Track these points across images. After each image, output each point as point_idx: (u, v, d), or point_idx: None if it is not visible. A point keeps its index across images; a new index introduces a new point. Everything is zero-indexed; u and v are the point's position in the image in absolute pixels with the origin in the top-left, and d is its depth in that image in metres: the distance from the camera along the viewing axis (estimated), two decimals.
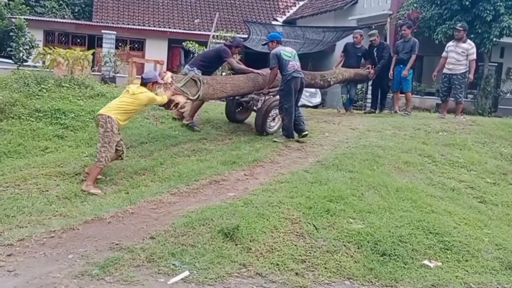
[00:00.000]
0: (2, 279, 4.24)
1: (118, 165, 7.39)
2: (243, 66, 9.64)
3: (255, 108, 9.35)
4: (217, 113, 10.78)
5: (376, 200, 6.16)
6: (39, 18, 24.72)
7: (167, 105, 7.62)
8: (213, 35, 18.35)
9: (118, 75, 17.32)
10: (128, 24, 25.14)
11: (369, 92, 17.72)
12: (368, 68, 12.11)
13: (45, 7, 27.57)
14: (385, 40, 18.74)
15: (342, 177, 6.75)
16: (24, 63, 18.24)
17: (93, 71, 15.14)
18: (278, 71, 8.64)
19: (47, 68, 12.42)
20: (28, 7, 25.59)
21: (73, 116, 9.44)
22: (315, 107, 17.91)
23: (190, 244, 4.85)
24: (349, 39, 18.18)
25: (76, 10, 28.83)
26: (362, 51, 12.19)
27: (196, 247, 4.80)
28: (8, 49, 19.37)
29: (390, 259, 4.96)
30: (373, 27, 19.69)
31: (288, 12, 28.49)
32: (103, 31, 19.79)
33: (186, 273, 4.38)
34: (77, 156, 7.87)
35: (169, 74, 7.78)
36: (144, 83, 7.31)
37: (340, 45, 18.69)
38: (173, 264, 4.51)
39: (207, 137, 9.01)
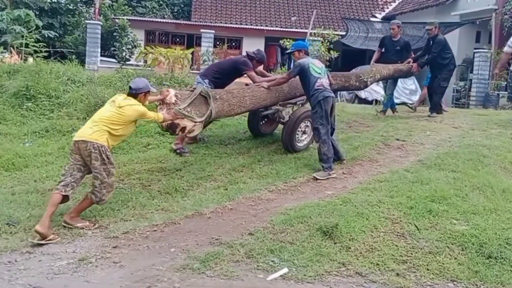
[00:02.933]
0: (109, 270, 4.50)
1: (217, 162, 7.58)
2: (266, 78, 8.21)
3: (282, 120, 8.25)
4: None
5: (481, 201, 5.93)
6: (141, 19, 25.82)
7: (172, 129, 6.44)
8: (311, 33, 18.32)
9: None
10: (226, 23, 25.65)
11: (473, 89, 17.05)
12: (410, 62, 10.88)
13: (146, 8, 28.75)
14: (490, 37, 17.88)
15: (444, 177, 6.56)
16: (127, 62, 19.13)
17: (192, 70, 15.58)
18: (303, 86, 7.58)
19: (149, 67, 12.97)
20: (130, 8, 26.79)
21: None
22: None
23: (289, 241, 4.91)
24: (451, 35, 17.61)
25: (175, 10, 29.84)
26: (400, 44, 11.00)
27: (295, 244, 4.85)
28: (112, 48, 20.41)
29: (497, 262, 4.75)
30: (477, 22, 18.88)
31: (387, 8, 27.84)
32: (202, 30, 20.31)
33: (285, 270, 4.44)
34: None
35: (172, 92, 6.49)
36: (133, 94, 5.88)
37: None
38: (272, 261, 4.58)
39: None
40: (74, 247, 4.95)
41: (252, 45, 24.34)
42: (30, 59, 12.62)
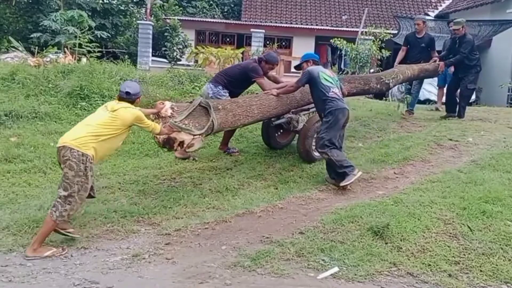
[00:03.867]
0: (162, 266, 4.62)
1: (267, 161, 7.66)
2: (277, 85, 7.75)
3: (296, 129, 7.86)
4: (365, 111, 10.74)
5: None
6: (191, 19, 26.18)
7: (169, 144, 5.95)
8: (362, 32, 18.19)
9: None
10: (276, 22, 25.73)
11: None
12: (436, 61, 10.35)
13: (196, 8, 29.14)
14: None
15: (499, 178, 6.45)
16: (178, 62, 19.45)
17: None
18: (312, 96, 7.11)
19: (199, 66, 13.18)
20: (181, 8, 27.20)
21: None
22: (469, 104, 17.01)
23: (339, 240, 4.94)
24: (506, 33, 17.09)
25: (225, 10, 30.14)
26: (425, 41, 10.47)
27: (345, 244, 4.88)
28: (163, 48, 20.81)
29: None
30: None
31: (441, 6, 27.28)
32: (252, 29, 20.47)
33: (336, 269, 4.47)
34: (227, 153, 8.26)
35: (168, 104, 6.04)
36: (131, 99, 5.38)
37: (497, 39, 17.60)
38: (323, 260, 4.62)
39: (355, 135, 9.03)
40: (128, 243, 5.09)
41: (303, 44, 24.47)
42: (84, 59, 13.01)
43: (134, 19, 24.81)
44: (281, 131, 8.28)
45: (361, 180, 6.70)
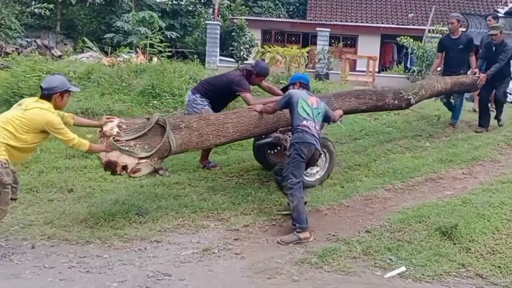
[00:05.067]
0: (231, 260, 4.71)
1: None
2: (263, 100, 6.89)
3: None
4: (432, 110, 10.51)
5: None
6: (258, 18, 26.34)
7: (110, 168, 5.20)
8: (429, 29, 17.77)
9: (331, 72, 17.75)
10: (341, 21, 25.54)
11: None
12: (476, 74, 9.00)
13: (262, 7, 29.27)
14: None
15: None
16: (244, 61, 19.63)
17: (307, 68, 15.73)
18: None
19: None
20: (247, 8, 27.42)
21: None
22: None
23: (406, 240, 4.90)
24: None
25: (290, 9, 30.14)
26: (463, 42, 9.11)
27: (413, 243, 4.84)
28: (230, 48, 21.06)
29: None
30: None
31: (511, 2, 26.30)
32: (317, 28, 20.37)
33: (403, 268, 4.44)
34: None
35: (115, 122, 5.24)
36: (45, 95, 4.79)
37: None
38: (390, 259, 4.60)
39: (422, 134, 8.87)
40: (198, 238, 5.20)
41: (368, 43, 24.21)
42: (155, 59, 13.34)
43: (202, 19, 25.21)
44: (275, 150, 7.12)
45: (428, 180, 6.61)
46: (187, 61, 13.20)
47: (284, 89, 6.41)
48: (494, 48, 9.13)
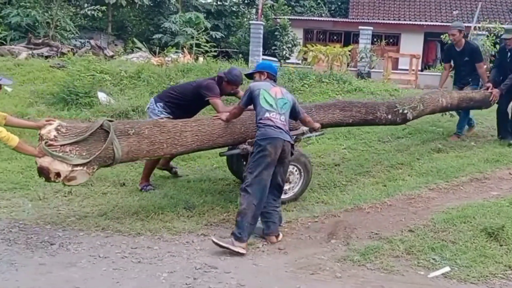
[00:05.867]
0: (274, 255, 4.72)
1: (375, 158, 7.55)
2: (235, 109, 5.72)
3: None
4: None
5: None
6: (300, 18, 26.27)
7: (43, 174, 4.71)
8: (475, 27, 17.31)
9: (373, 70, 17.55)
10: (384, 19, 25.19)
11: None
12: (489, 88, 7.98)
13: (304, 7, 29.18)
14: None
15: None
16: (287, 60, 19.63)
17: (348, 67, 15.61)
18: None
19: (309, 64, 13.23)
20: (289, 8, 27.37)
21: None
22: None
23: (451, 240, 4.79)
24: None
25: (332, 8, 29.96)
26: (468, 53, 8.07)
27: (457, 244, 4.72)
28: (273, 47, 21.07)
29: None
30: None
31: None
32: (360, 27, 20.17)
33: (447, 268, 4.34)
34: (335, 148, 8.22)
35: (54, 124, 4.77)
36: None
37: None
38: (433, 259, 4.50)
39: (467, 133, 8.66)
40: None
41: (411, 41, 23.81)
42: (201, 59, 13.48)
43: (245, 19, 25.33)
44: None
45: (473, 180, 6.45)
46: (231, 60, 13.26)
47: (248, 76, 5.90)
48: (509, 54, 8.04)
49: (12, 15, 17.95)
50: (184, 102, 6.24)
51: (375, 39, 21.67)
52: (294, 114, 5.43)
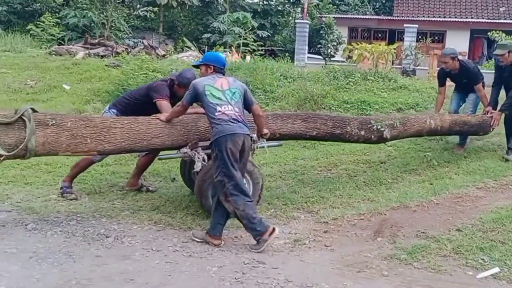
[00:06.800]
0: (321, 252, 4.65)
1: (421, 156, 7.38)
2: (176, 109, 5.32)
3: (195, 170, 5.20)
4: None
5: None
6: (345, 16, 25.92)
7: None
8: None
9: (418, 68, 17.14)
10: (429, 17, 24.60)
11: None
12: (488, 112, 7.27)
13: (348, 5, 28.80)
14: None
15: None
16: (332, 59, 19.44)
17: (393, 65, 15.31)
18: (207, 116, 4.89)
19: (354, 62, 13.06)
20: (334, 6, 27.07)
21: (377, 107, 9.71)
22: None
23: (500, 240, 4.62)
24: None
25: (376, 6, 29.44)
26: (466, 76, 7.38)
27: (507, 244, 4.55)
28: (318, 45, 20.89)
29: None
30: None
31: None
32: (405, 25, 19.75)
33: (496, 269, 4.18)
34: (381, 145, 8.05)
35: None
36: None
37: None
38: (482, 259, 4.34)
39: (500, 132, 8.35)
40: (289, 229, 5.18)
41: (456, 38, 23.14)
42: (248, 57, 13.50)
43: (290, 18, 25.20)
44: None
45: None
46: (277, 59, 13.22)
47: (195, 66, 5.53)
48: (506, 69, 7.23)
49: (69, 16, 18.46)
50: (136, 106, 5.89)
51: (420, 37, 21.19)
52: (246, 103, 4.97)
